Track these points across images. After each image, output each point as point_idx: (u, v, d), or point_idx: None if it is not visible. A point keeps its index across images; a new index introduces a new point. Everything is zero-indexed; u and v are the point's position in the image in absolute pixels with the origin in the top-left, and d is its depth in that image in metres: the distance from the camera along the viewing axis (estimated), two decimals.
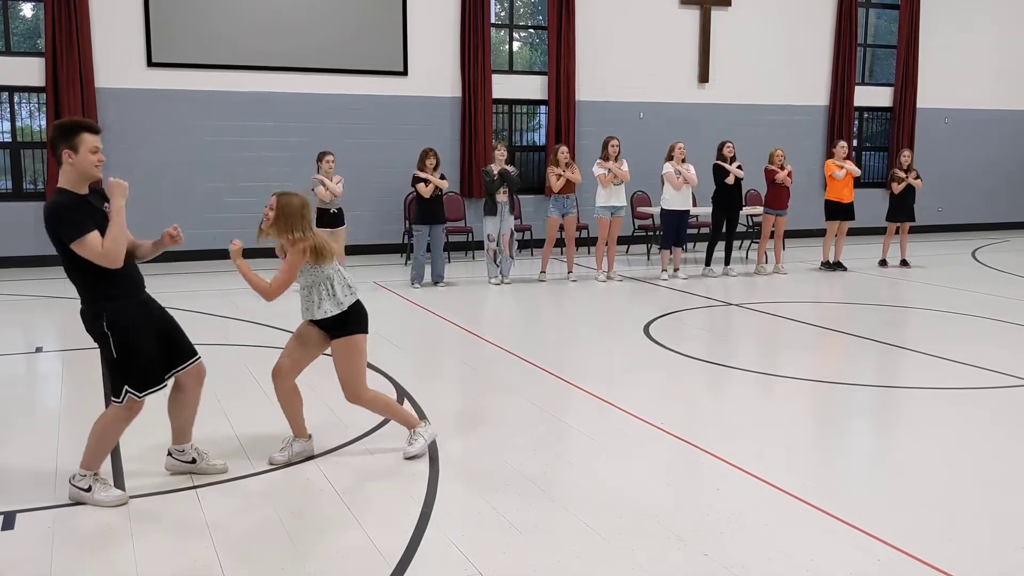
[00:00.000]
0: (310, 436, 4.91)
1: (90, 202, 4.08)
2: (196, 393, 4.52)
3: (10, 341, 8.10)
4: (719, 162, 11.58)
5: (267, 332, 8.09)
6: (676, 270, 11.54)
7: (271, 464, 4.74)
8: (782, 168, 11.88)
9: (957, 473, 4.74)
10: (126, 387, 4.16)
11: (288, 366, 4.77)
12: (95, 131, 4.09)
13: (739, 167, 11.57)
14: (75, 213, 3.97)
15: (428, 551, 3.75)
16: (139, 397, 4.18)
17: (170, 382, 4.39)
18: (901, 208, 12.72)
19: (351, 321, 4.70)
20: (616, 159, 11.03)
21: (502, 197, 10.74)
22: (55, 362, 7.24)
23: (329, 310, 4.64)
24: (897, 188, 12.59)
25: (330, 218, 10.36)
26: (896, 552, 3.74)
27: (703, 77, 15.45)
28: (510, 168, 10.84)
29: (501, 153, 10.82)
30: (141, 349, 4.16)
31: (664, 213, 11.45)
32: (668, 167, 11.20)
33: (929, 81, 17.02)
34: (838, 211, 12.24)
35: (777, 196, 11.98)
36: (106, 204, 4.13)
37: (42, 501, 4.24)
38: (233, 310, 9.13)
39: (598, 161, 11.15)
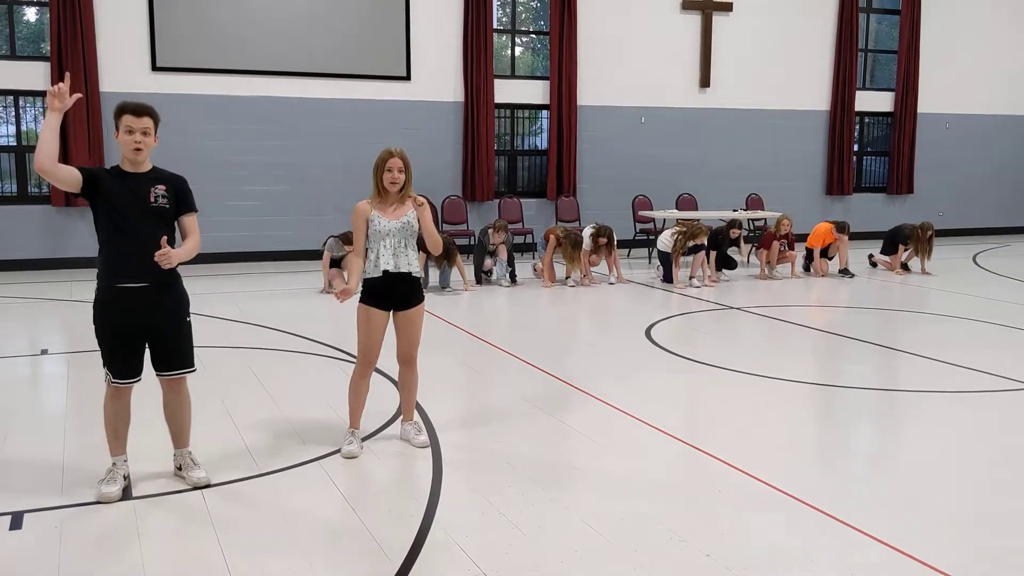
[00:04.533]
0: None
1: (113, 175, 4.17)
2: (174, 401, 4.52)
3: (16, 343, 8.14)
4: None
5: (269, 334, 8.13)
6: (692, 278, 11.43)
7: (350, 457, 4.84)
8: (786, 237, 12.11)
9: (957, 475, 4.77)
10: (105, 367, 4.32)
11: (377, 359, 4.98)
12: (134, 112, 4.12)
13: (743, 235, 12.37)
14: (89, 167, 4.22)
15: (432, 551, 3.78)
16: (110, 380, 4.30)
17: (140, 383, 4.41)
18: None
19: (421, 287, 5.01)
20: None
21: (489, 263, 11.26)
22: (60, 364, 7.28)
23: (417, 272, 4.90)
24: (900, 274, 12.50)
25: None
26: (896, 553, 3.77)
27: (704, 82, 15.49)
28: (492, 262, 11.29)
29: (500, 237, 11.18)
30: (104, 339, 4.26)
31: (661, 254, 11.56)
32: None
33: (930, 86, 17.07)
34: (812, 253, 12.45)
35: (780, 256, 12.16)
36: (157, 187, 4.19)
37: (49, 502, 4.27)
38: (236, 312, 9.17)
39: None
